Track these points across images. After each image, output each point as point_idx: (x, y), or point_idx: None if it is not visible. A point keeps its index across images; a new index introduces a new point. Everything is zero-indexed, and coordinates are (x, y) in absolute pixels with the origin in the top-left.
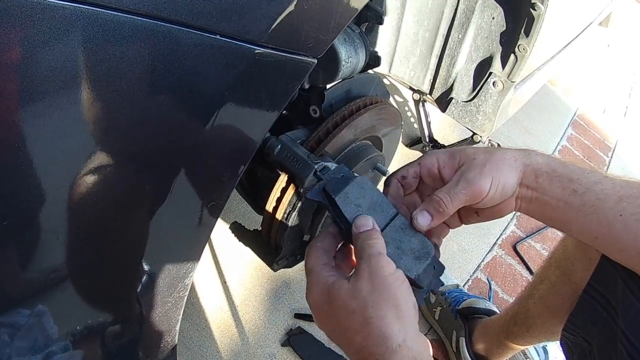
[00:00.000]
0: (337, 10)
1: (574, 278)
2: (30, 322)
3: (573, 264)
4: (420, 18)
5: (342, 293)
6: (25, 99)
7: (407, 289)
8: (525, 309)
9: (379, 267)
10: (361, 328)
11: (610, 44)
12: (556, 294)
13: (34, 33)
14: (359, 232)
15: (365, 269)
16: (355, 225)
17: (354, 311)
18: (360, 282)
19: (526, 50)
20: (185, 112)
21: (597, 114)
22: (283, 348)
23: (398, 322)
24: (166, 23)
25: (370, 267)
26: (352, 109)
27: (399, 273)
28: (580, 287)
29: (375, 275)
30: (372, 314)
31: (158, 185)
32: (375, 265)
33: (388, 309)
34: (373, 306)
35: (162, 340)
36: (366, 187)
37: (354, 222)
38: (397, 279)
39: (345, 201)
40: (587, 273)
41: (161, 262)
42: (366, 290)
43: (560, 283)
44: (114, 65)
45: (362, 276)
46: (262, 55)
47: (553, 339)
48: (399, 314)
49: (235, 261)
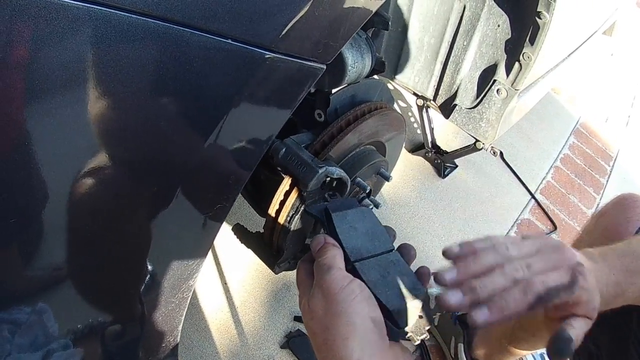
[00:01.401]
0: (346, 17)
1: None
2: (31, 319)
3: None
4: (426, 24)
5: (304, 313)
6: (37, 99)
7: (360, 302)
8: (531, 313)
9: (329, 284)
10: (321, 348)
11: (614, 53)
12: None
13: (45, 33)
14: (314, 252)
15: (317, 290)
16: (311, 246)
17: (315, 333)
18: (314, 303)
19: (531, 58)
20: (194, 115)
21: (600, 123)
22: (282, 350)
23: (353, 340)
24: (179, 26)
25: (320, 286)
26: (356, 113)
27: (353, 285)
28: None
29: (327, 292)
30: (327, 336)
31: (166, 187)
32: (324, 283)
33: (340, 327)
34: (327, 328)
35: (164, 340)
36: (368, 216)
37: (310, 245)
38: (351, 293)
39: (342, 220)
40: None
41: (166, 263)
42: (321, 311)
43: None
44: (126, 67)
45: (315, 297)
46: (272, 60)
47: None
48: (353, 330)
49: (236, 263)
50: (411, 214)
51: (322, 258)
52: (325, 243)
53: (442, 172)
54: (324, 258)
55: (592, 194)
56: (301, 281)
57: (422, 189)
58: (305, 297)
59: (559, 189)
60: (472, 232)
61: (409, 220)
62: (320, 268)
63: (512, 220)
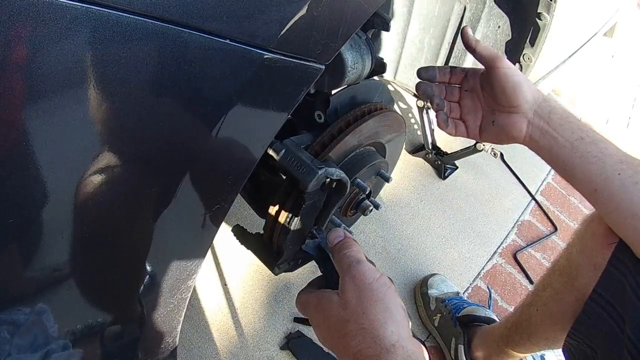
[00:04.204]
0: (346, 17)
1: (578, 285)
2: (30, 320)
3: (577, 271)
4: (426, 25)
5: (333, 305)
6: (36, 99)
7: (393, 292)
8: (527, 316)
9: (362, 275)
10: (356, 333)
11: (614, 55)
12: (560, 301)
13: (44, 33)
14: (333, 246)
15: (348, 280)
16: (329, 240)
17: (348, 320)
18: (347, 293)
19: (531, 59)
20: (193, 115)
21: (600, 125)
22: (282, 351)
23: (391, 324)
24: (177, 26)
25: (352, 276)
26: (356, 115)
27: (384, 278)
28: (584, 294)
29: (360, 283)
30: (364, 321)
31: (164, 187)
32: (356, 274)
33: (378, 313)
34: (364, 313)
35: (163, 341)
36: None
37: (327, 237)
38: (383, 284)
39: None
40: (591, 280)
41: (165, 263)
42: (355, 300)
43: (563, 290)
44: (124, 68)
45: (348, 288)
46: (271, 61)
47: (555, 346)
48: (390, 316)
49: (236, 264)
50: (411, 215)
51: (349, 251)
52: (346, 237)
53: (443, 173)
54: (351, 251)
55: None
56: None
57: (422, 190)
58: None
59: (559, 191)
60: (473, 233)
61: (409, 221)
62: (348, 260)
63: (512, 222)
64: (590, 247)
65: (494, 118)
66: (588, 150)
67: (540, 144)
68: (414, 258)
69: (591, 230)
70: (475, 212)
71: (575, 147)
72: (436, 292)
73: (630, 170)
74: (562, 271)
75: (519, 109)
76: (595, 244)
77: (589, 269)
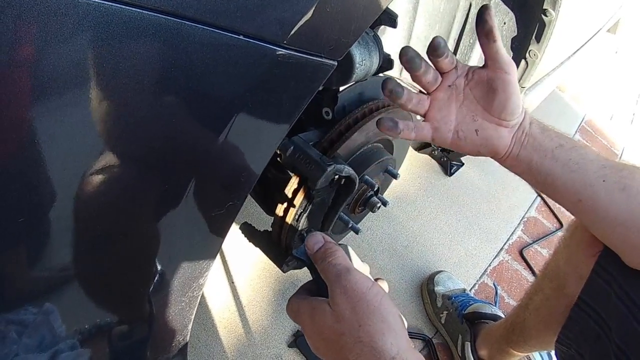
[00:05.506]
0: (358, 13)
1: (567, 291)
2: (38, 319)
3: (565, 280)
4: (432, 22)
5: (326, 316)
6: (45, 98)
7: (388, 301)
8: (522, 319)
9: (354, 285)
10: (353, 347)
11: (618, 51)
12: (550, 306)
13: (53, 29)
14: (313, 253)
15: (339, 292)
16: (308, 247)
17: (343, 333)
18: (340, 305)
19: (537, 55)
20: (206, 113)
21: (605, 121)
22: (289, 349)
23: (390, 336)
24: (190, 22)
25: (344, 287)
26: (364, 111)
27: (377, 287)
28: (573, 301)
29: (353, 294)
30: (361, 334)
31: (177, 186)
32: (347, 284)
33: (376, 324)
34: (360, 325)
35: (174, 340)
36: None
37: (305, 244)
38: (377, 293)
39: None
40: (578, 288)
41: (176, 261)
42: (348, 312)
43: (553, 296)
44: (137, 64)
45: (340, 300)
46: (283, 57)
47: (549, 349)
48: (388, 327)
49: (244, 261)
50: (417, 212)
51: (334, 259)
52: (326, 242)
53: (449, 170)
54: (336, 259)
55: None
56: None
57: (429, 187)
58: (319, 306)
59: None
60: (478, 229)
61: (415, 217)
62: (336, 270)
63: (518, 218)
64: (576, 257)
65: (477, 127)
66: (569, 158)
67: (520, 157)
68: (420, 255)
69: (576, 239)
70: (481, 209)
71: (555, 156)
72: (443, 289)
73: (615, 176)
74: (552, 277)
75: (509, 123)
76: (581, 255)
77: (576, 278)
